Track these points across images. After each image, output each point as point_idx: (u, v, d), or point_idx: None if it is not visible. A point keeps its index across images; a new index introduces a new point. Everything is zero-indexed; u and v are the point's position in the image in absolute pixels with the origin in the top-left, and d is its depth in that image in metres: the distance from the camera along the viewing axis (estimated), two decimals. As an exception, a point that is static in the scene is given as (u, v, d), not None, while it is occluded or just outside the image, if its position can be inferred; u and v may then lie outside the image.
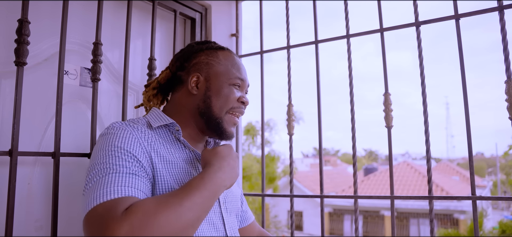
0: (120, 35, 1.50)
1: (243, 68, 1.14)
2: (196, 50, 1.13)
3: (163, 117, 1.05)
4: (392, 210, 1.47)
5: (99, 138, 0.94)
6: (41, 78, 1.27)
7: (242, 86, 1.11)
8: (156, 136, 1.00)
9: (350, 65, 1.62)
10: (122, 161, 0.85)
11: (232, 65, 1.10)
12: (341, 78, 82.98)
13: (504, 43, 1.32)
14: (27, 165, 1.21)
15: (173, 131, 1.04)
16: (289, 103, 1.74)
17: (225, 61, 1.10)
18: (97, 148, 0.91)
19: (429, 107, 1.49)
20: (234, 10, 2.03)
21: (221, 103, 1.06)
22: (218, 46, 1.15)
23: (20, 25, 1.10)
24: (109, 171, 0.82)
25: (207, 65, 1.09)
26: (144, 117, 1.07)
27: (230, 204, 1.12)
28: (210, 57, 1.10)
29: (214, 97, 1.06)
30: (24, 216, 1.18)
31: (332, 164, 30.73)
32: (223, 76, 1.08)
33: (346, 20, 1.65)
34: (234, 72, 1.09)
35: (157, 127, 1.03)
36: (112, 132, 0.92)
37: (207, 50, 1.12)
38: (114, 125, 0.95)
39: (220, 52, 1.12)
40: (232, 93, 1.07)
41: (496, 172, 26.81)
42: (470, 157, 1.37)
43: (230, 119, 1.08)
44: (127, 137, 0.91)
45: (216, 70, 1.08)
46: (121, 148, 0.87)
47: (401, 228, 15.59)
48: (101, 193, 0.77)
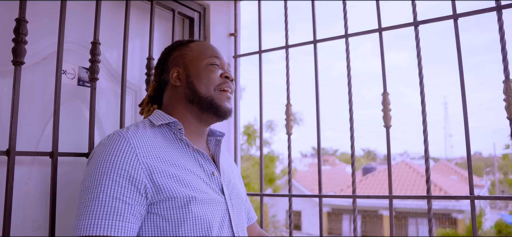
0: (118, 34, 1.49)
1: (218, 51, 1.18)
2: (169, 51, 1.19)
3: (164, 116, 1.07)
4: (391, 210, 1.47)
5: (97, 148, 0.96)
6: (39, 77, 1.27)
7: (220, 64, 1.14)
8: (158, 137, 1.01)
9: (348, 64, 1.63)
10: (115, 184, 0.87)
11: (205, 48, 1.15)
12: (339, 77, 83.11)
13: (502, 43, 1.32)
14: (25, 165, 1.21)
15: (175, 130, 1.05)
16: (288, 102, 1.74)
17: (197, 47, 1.15)
18: (94, 159, 0.93)
19: (427, 107, 1.50)
20: (233, 10, 2.03)
21: (205, 82, 1.09)
22: (188, 40, 1.21)
23: (18, 24, 1.10)
24: (100, 196, 0.86)
25: (181, 57, 1.14)
26: (147, 119, 1.09)
27: (236, 201, 1.12)
28: (182, 50, 1.16)
29: (196, 80, 1.09)
30: (21, 216, 1.18)
31: (331, 164, 30.77)
32: (198, 59, 1.12)
33: (344, 19, 1.65)
34: (208, 53, 1.13)
35: (159, 125, 1.05)
36: (109, 144, 0.93)
37: (178, 47, 1.18)
38: (114, 134, 0.95)
39: (191, 43, 1.18)
40: (212, 72, 1.11)
41: (494, 171, 26.88)
42: (468, 157, 1.37)
43: (221, 94, 1.10)
44: (124, 150, 0.91)
45: (190, 56, 1.13)
46: (116, 166, 0.89)
47: (400, 227, 15.62)
48: (88, 223, 0.83)
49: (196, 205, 0.94)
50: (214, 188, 1.03)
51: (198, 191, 0.96)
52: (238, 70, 1.97)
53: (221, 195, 1.05)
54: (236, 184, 1.18)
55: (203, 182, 1.01)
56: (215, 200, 1.01)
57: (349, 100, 1.61)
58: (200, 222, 0.94)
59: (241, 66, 2.02)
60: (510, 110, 1.29)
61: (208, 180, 1.03)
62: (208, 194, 0.99)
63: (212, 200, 0.99)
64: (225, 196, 1.06)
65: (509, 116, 1.29)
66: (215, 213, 0.99)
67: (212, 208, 0.99)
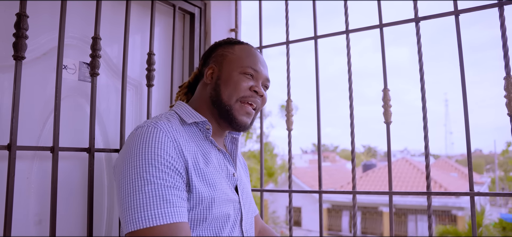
0: (119, 29, 1.49)
1: (260, 60, 1.12)
2: (216, 46, 1.17)
3: (194, 114, 1.06)
4: (390, 206, 1.47)
5: (133, 138, 0.92)
6: (40, 72, 1.27)
7: (256, 77, 1.09)
8: (188, 133, 1.01)
9: (349, 60, 1.62)
10: (162, 173, 0.86)
11: (247, 56, 1.10)
12: (338, 74, 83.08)
13: (504, 39, 1.32)
14: (26, 159, 1.21)
15: (203, 129, 1.06)
16: (288, 98, 1.74)
17: (240, 52, 1.11)
18: (131, 150, 0.89)
19: (428, 103, 1.50)
20: (233, 5, 2.02)
21: (230, 90, 1.05)
22: (237, 40, 1.17)
23: (19, 19, 1.10)
24: (154, 186, 0.84)
25: (222, 56, 1.11)
26: (174, 113, 1.07)
27: (246, 200, 1.13)
28: (226, 49, 1.13)
29: (223, 84, 1.06)
30: (23, 211, 1.18)
31: (331, 160, 30.79)
32: (234, 64, 1.08)
33: (345, 15, 1.65)
34: (247, 61, 1.09)
35: (190, 123, 1.04)
36: (147, 134, 0.90)
37: (225, 45, 1.15)
38: (149, 124, 0.93)
39: (237, 45, 1.14)
40: (242, 81, 1.06)
41: (494, 168, 26.88)
42: (469, 154, 1.37)
43: (241, 107, 1.06)
44: (162, 141, 0.90)
45: (229, 59, 1.10)
46: (160, 157, 0.87)
47: (399, 224, 15.64)
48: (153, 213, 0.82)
49: (216, 206, 0.96)
50: (231, 188, 1.05)
51: (220, 192, 0.98)
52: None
53: (236, 195, 1.07)
54: (245, 182, 1.19)
55: (225, 182, 1.03)
56: (232, 200, 1.03)
57: (349, 96, 1.61)
58: (217, 221, 0.97)
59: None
60: (510, 107, 1.28)
61: (228, 180, 1.05)
62: (227, 194, 1.01)
63: (230, 200, 1.02)
64: (239, 195, 1.08)
65: (510, 113, 1.29)
66: (230, 213, 1.01)
67: (229, 207, 1.01)
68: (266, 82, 1.13)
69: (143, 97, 1.61)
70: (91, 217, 1.25)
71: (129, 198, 0.84)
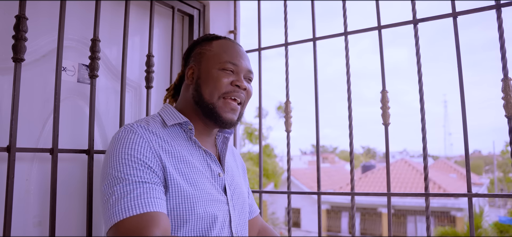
0: (118, 31, 1.49)
1: (239, 54, 1.10)
2: (194, 44, 1.16)
3: (176, 115, 1.06)
4: (389, 207, 1.48)
5: (111, 142, 0.96)
6: (39, 74, 1.27)
7: (236, 70, 1.07)
8: (170, 135, 1.01)
9: (347, 62, 1.63)
10: (134, 170, 0.88)
11: (224, 51, 1.08)
12: (337, 75, 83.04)
13: (501, 41, 1.32)
14: (25, 161, 1.21)
15: (186, 129, 1.05)
16: (287, 100, 1.75)
17: (217, 48, 1.09)
18: (108, 154, 0.93)
19: (427, 105, 1.50)
20: (232, 7, 2.03)
21: (211, 88, 1.04)
22: (215, 36, 1.15)
23: (18, 21, 1.10)
24: (127, 182, 0.86)
25: (200, 55, 1.10)
26: (158, 115, 1.08)
27: (237, 201, 1.12)
28: (203, 47, 1.12)
29: (203, 83, 1.05)
30: (22, 212, 1.18)
31: (330, 162, 30.77)
32: (213, 61, 1.07)
33: (344, 17, 1.65)
34: (225, 56, 1.07)
35: (171, 125, 1.04)
36: (121, 137, 0.94)
37: (203, 42, 1.14)
38: (125, 128, 0.96)
39: (215, 41, 1.12)
40: (222, 77, 1.04)
41: (493, 169, 26.90)
42: (466, 155, 1.38)
43: (225, 104, 1.04)
44: (136, 142, 0.92)
45: (207, 56, 1.09)
46: (131, 156, 0.90)
47: (398, 225, 15.65)
48: (127, 206, 0.83)
49: (199, 206, 0.95)
50: (218, 189, 1.04)
51: (203, 191, 0.98)
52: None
53: (224, 196, 1.05)
54: (239, 183, 1.18)
55: (208, 182, 1.02)
56: (218, 200, 1.02)
57: (348, 97, 1.61)
58: (202, 222, 0.96)
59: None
60: (508, 108, 1.29)
61: (213, 180, 1.04)
62: (212, 195, 1.00)
63: (215, 201, 1.01)
64: (228, 196, 1.07)
65: (508, 114, 1.29)
66: (217, 214, 1.00)
67: (215, 208, 1.00)
68: (248, 75, 1.11)
69: (142, 99, 1.62)
70: (90, 219, 1.25)
71: (104, 198, 0.87)
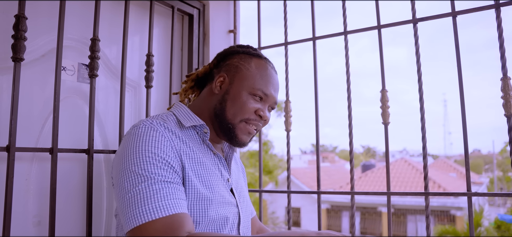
0: (118, 31, 1.49)
1: (273, 83, 1.08)
2: (233, 52, 1.11)
3: (193, 117, 1.04)
4: (389, 206, 1.48)
5: (129, 137, 0.92)
6: (39, 74, 1.27)
7: (265, 100, 1.06)
8: (185, 136, 1.00)
9: (347, 61, 1.63)
10: (159, 169, 0.87)
11: (261, 76, 1.06)
12: (337, 74, 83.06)
13: (501, 40, 1.32)
14: (25, 161, 1.21)
15: (200, 132, 1.05)
16: (287, 99, 1.75)
17: (255, 69, 1.07)
18: (128, 149, 0.90)
19: (427, 104, 1.50)
20: (232, 7, 2.03)
21: (236, 109, 1.03)
22: (257, 53, 1.11)
23: (17, 21, 1.10)
24: (153, 181, 0.85)
25: (236, 68, 1.07)
26: (172, 114, 1.06)
27: (243, 203, 1.13)
28: (242, 61, 1.08)
29: (230, 100, 1.04)
30: (22, 212, 1.19)
31: (330, 161, 30.78)
32: (246, 82, 1.04)
33: (343, 16, 1.65)
34: (260, 82, 1.05)
35: (188, 127, 1.03)
36: (142, 133, 0.91)
37: (243, 54, 1.10)
38: (145, 124, 0.93)
39: (255, 59, 1.09)
40: (250, 103, 1.03)
41: (493, 169, 26.91)
42: (466, 154, 1.38)
43: (244, 127, 1.04)
44: (159, 140, 0.90)
45: (242, 75, 1.06)
46: (155, 154, 0.88)
47: (398, 224, 15.65)
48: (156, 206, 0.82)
49: (213, 208, 0.96)
50: (228, 191, 1.05)
51: (217, 194, 0.98)
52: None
53: (233, 198, 1.06)
54: (242, 185, 1.19)
55: (221, 185, 1.03)
56: (229, 202, 1.03)
57: (348, 97, 1.62)
58: (214, 224, 0.96)
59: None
60: (507, 107, 1.29)
61: (224, 183, 1.05)
62: (224, 197, 1.01)
63: (227, 203, 1.01)
64: (236, 198, 1.08)
65: (507, 114, 1.30)
66: (228, 216, 1.01)
67: (226, 210, 1.01)
68: (273, 105, 1.10)
69: (142, 98, 1.62)
70: (90, 218, 1.25)
71: (127, 196, 0.84)
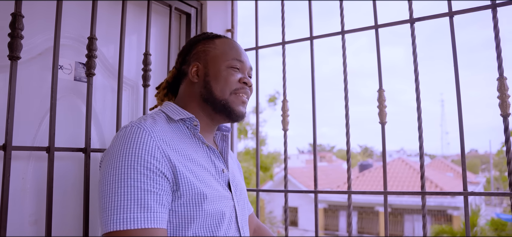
0: (115, 30, 1.49)
1: (242, 51, 1.14)
2: (194, 42, 1.16)
3: (181, 111, 1.06)
4: (385, 206, 1.48)
5: (116, 140, 0.92)
6: (35, 72, 1.26)
7: (242, 68, 1.11)
8: (175, 132, 1.01)
9: (344, 61, 1.63)
10: (143, 177, 0.86)
11: (230, 48, 1.12)
12: (334, 74, 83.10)
13: (497, 40, 1.33)
14: (21, 159, 1.21)
15: (190, 126, 1.05)
16: (284, 99, 1.75)
17: (221, 45, 1.12)
18: (115, 152, 0.89)
19: (424, 104, 1.51)
20: (230, 6, 2.03)
21: (222, 85, 1.06)
22: (215, 34, 1.17)
23: (14, 19, 1.09)
24: (133, 189, 0.84)
25: (204, 53, 1.12)
26: (161, 111, 1.08)
27: (240, 197, 1.13)
28: (206, 45, 1.13)
29: (213, 81, 1.07)
30: (18, 211, 1.18)
31: (328, 161, 30.85)
32: (220, 59, 1.09)
33: (341, 16, 1.65)
34: (231, 54, 1.10)
35: (177, 120, 1.04)
36: (129, 136, 0.90)
37: (204, 40, 1.15)
38: (133, 126, 0.93)
39: (217, 39, 1.15)
40: (231, 75, 1.08)
41: (489, 168, 27.03)
42: (462, 153, 1.38)
43: (236, 98, 1.08)
44: (148, 142, 0.90)
45: (212, 55, 1.10)
46: (143, 159, 0.87)
47: (395, 224, 15.69)
48: (124, 217, 0.82)
49: (208, 203, 0.95)
50: (222, 185, 1.05)
51: (211, 188, 0.98)
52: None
53: (229, 192, 1.06)
54: (240, 180, 1.19)
55: (214, 178, 1.02)
56: (224, 197, 1.02)
57: (345, 96, 1.62)
58: (211, 219, 0.96)
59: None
60: (504, 107, 1.30)
61: (217, 176, 1.05)
62: (218, 191, 1.00)
63: (222, 197, 1.01)
64: (232, 192, 1.08)
65: (503, 114, 1.30)
66: (225, 210, 1.00)
67: (222, 205, 1.00)
68: (250, 72, 1.16)
69: (139, 97, 1.62)
70: (87, 217, 1.25)
71: (108, 199, 0.84)
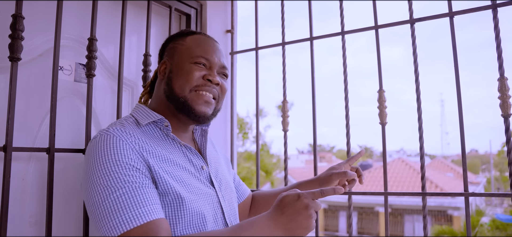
0: (115, 31, 1.49)
1: (213, 49, 1.09)
2: (168, 41, 1.16)
3: (150, 114, 1.03)
4: (386, 206, 1.48)
5: (90, 151, 0.91)
6: (36, 73, 1.26)
7: (209, 65, 1.06)
8: (145, 135, 0.99)
9: (344, 61, 1.63)
10: (125, 176, 0.85)
11: (198, 45, 1.08)
12: (334, 74, 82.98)
13: (497, 41, 1.33)
14: (21, 161, 1.21)
15: (162, 127, 1.03)
16: (284, 99, 1.75)
17: (191, 42, 1.09)
18: (91, 162, 0.88)
19: (424, 104, 1.50)
20: (229, 7, 2.03)
21: (182, 81, 1.03)
22: (190, 31, 1.15)
23: (14, 21, 1.09)
24: (120, 191, 0.83)
25: (173, 49, 1.10)
26: (131, 115, 1.06)
27: (226, 191, 1.11)
28: (177, 42, 1.11)
29: (175, 76, 1.05)
30: (18, 212, 1.18)
31: (328, 161, 30.84)
32: (184, 55, 1.06)
33: (341, 16, 1.65)
34: (198, 50, 1.06)
35: (145, 124, 1.02)
36: (101, 143, 0.90)
37: (176, 38, 1.14)
38: (101, 134, 0.92)
39: (189, 36, 1.12)
40: (194, 71, 1.03)
41: (490, 168, 27.02)
42: (463, 154, 1.38)
43: (197, 96, 1.03)
44: (119, 146, 0.89)
45: (179, 50, 1.08)
46: (119, 161, 0.86)
47: (396, 224, 15.69)
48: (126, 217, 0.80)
49: (189, 202, 0.93)
50: (204, 182, 1.03)
51: (190, 187, 0.96)
52: (235, 67, 1.96)
53: (212, 188, 1.05)
54: (224, 174, 1.17)
55: (193, 177, 1.01)
56: (206, 194, 1.01)
57: (345, 96, 1.61)
58: (195, 218, 0.94)
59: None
60: (504, 108, 1.30)
61: (198, 174, 1.03)
62: (199, 189, 0.99)
63: (203, 195, 0.99)
64: (216, 188, 1.06)
65: (504, 114, 1.30)
66: (208, 207, 0.99)
67: (205, 202, 0.99)
68: (222, 70, 1.10)
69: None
70: (87, 218, 1.25)
71: (101, 208, 0.82)
